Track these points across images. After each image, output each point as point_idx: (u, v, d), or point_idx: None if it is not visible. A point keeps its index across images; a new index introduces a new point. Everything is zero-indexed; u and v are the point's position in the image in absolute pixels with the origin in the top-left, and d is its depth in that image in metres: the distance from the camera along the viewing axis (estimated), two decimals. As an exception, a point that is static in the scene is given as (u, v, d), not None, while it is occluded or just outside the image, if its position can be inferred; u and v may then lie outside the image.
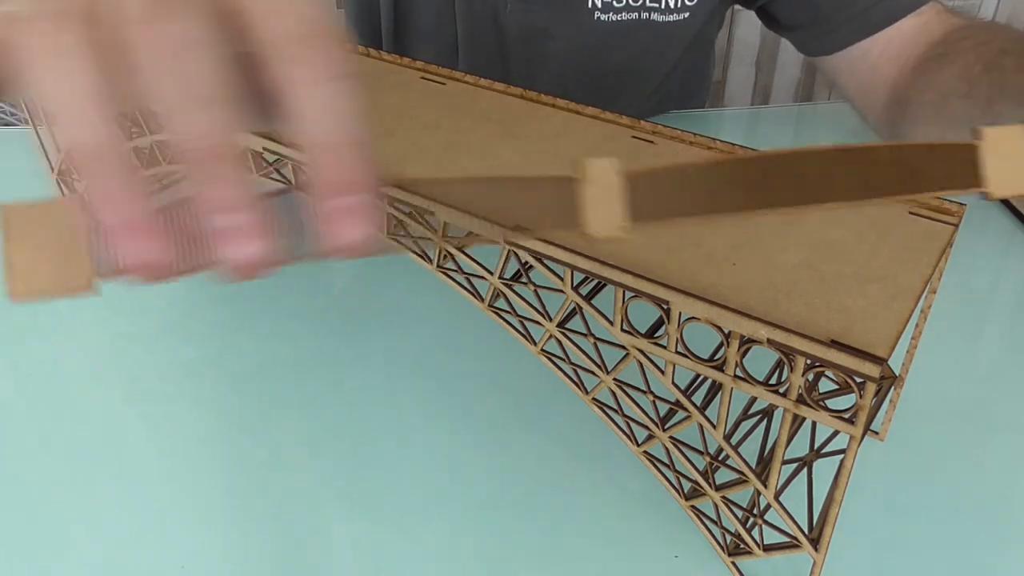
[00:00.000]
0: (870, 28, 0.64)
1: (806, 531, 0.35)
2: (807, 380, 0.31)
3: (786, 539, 0.36)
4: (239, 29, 0.21)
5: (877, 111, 0.67)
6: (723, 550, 0.39)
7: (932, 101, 0.59)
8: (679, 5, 0.68)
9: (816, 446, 0.39)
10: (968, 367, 0.51)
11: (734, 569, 0.39)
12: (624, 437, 0.39)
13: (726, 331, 0.32)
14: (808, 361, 0.30)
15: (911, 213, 0.38)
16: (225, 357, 0.53)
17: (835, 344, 0.30)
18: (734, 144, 0.43)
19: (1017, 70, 0.52)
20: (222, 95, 0.21)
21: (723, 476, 0.36)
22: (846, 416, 0.31)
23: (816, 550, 0.35)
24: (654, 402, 0.37)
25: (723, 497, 0.37)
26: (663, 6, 0.68)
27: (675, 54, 0.74)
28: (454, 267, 0.41)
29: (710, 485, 0.37)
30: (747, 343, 0.32)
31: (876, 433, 0.45)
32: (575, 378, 0.39)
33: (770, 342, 0.31)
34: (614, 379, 0.37)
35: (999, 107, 0.52)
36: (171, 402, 0.49)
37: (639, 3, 0.67)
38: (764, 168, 0.25)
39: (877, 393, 0.35)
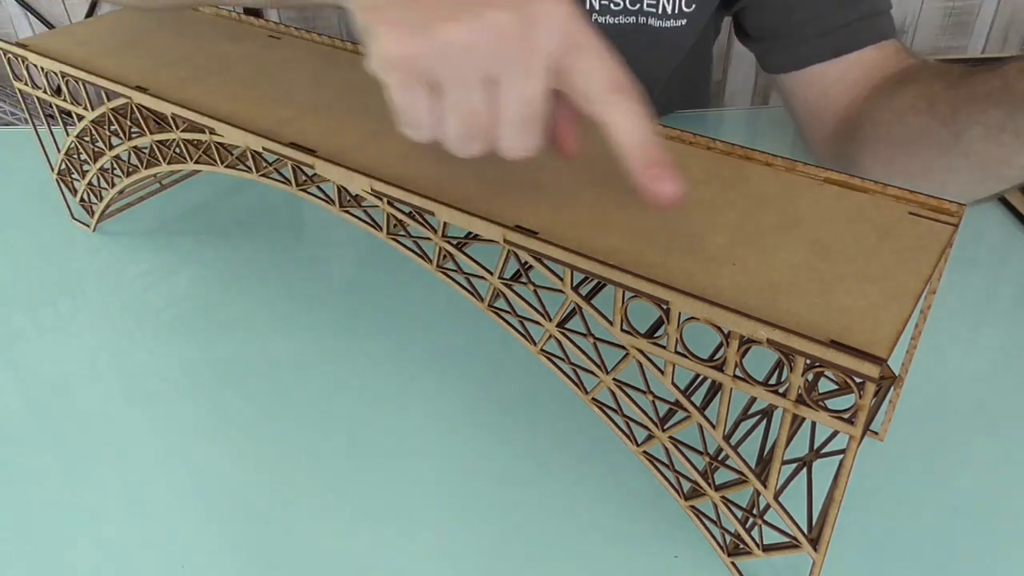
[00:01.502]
0: (830, 52, 0.64)
1: (806, 531, 0.35)
2: (807, 380, 0.31)
3: (786, 539, 0.36)
4: (561, 79, 0.34)
5: (824, 138, 0.67)
6: (723, 550, 0.39)
7: (886, 120, 0.59)
8: (676, 11, 0.68)
9: (816, 446, 0.39)
10: (968, 367, 0.51)
11: (734, 569, 0.39)
12: (624, 437, 0.39)
13: (726, 331, 0.32)
14: (808, 361, 0.30)
15: (911, 214, 0.38)
16: (225, 357, 0.53)
17: (835, 344, 0.30)
18: (733, 144, 0.43)
19: (985, 81, 0.52)
20: (540, 121, 0.34)
21: (723, 476, 0.36)
22: (846, 416, 0.31)
23: (816, 550, 0.35)
24: (654, 402, 0.37)
25: (723, 497, 0.37)
26: (660, 11, 0.68)
27: (673, 61, 0.74)
28: (454, 267, 0.41)
29: (710, 485, 0.37)
30: (747, 343, 0.32)
31: (876, 433, 0.45)
32: (575, 378, 0.39)
33: (770, 342, 0.31)
34: (614, 379, 0.37)
35: (963, 115, 0.52)
36: (171, 402, 0.50)
37: (636, 7, 0.67)
38: None
39: (877, 393, 0.35)
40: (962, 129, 0.52)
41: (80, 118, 0.57)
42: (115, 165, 0.59)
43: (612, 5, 0.67)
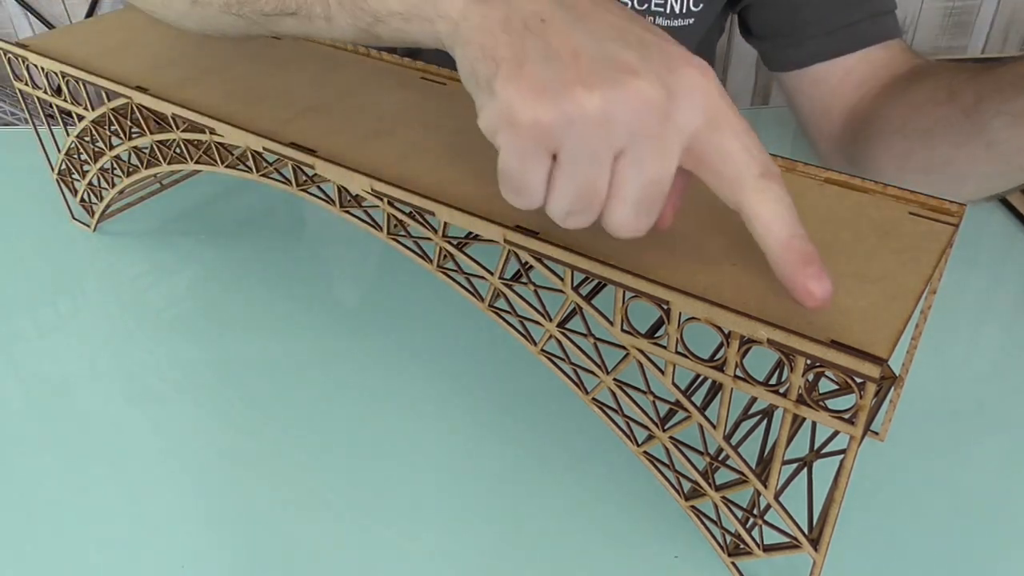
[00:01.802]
0: (834, 50, 0.64)
1: (806, 531, 0.35)
2: (807, 380, 0.31)
3: (786, 539, 0.36)
4: (696, 159, 0.31)
5: (830, 136, 0.67)
6: (723, 550, 0.39)
7: (901, 114, 0.59)
8: (684, 11, 0.68)
9: (816, 446, 0.39)
10: (968, 367, 0.51)
11: (734, 569, 0.39)
12: (624, 437, 0.39)
13: (726, 331, 0.32)
14: (808, 361, 0.30)
15: (911, 214, 0.38)
16: (225, 357, 0.53)
17: (835, 344, 0.30)
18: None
19: (1011, 70, 0.51)
20: (660, 203, 0.31)
21: (723, 476, 0.36)
22: (846, 416, 0.31)
23: (816, 550, 0.35)
24: (654, 402, 0.37)
25: (723, 497, 0.37)
26: (668, 11, 0.68)
27: None
28: (454, 267, 0.41)
29: (710, 485, 0.37)
30: (747, 343, 0.32)
31: (876, 433, 0.45)
32: (575, 378, 0.39)
33: (770, 342, 0.31)
34: (614, 379, 0.37)
35: (987, 104, 0.52)
36: (171, 402, 0.50)
37: (644, 7, 0.67)
38: None
39: (877, 393, 0.35)
40: (986, 118, 0.52)
41: (80, 118, 0.57)
42: (115, 165, 0.59)
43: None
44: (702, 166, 0.31)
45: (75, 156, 0.61)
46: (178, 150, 0.52)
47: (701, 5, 0.68)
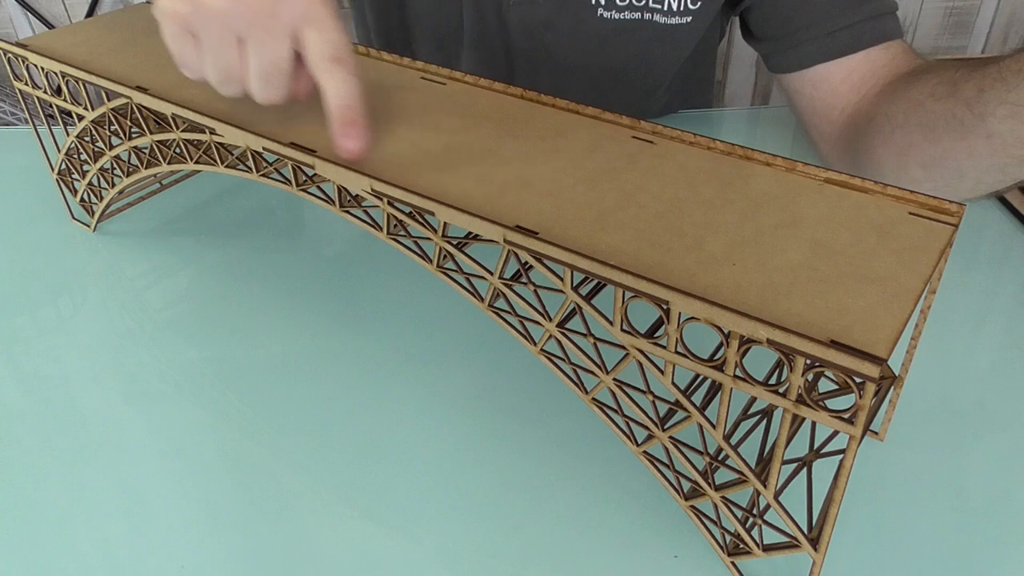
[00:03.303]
0: (834, 52, 0.64)
1: (806, 531, 0.35)
2: (807, 380, 0.31)
3: (786, 539, 0.36)
4: (299, 45, 0.42)
5: (831, 136, 0.67)
6: (723, 550, 0.39)
7: (903, 109, 0.59)
8: (682, 8, 0.68)
9: (816, 446, 0.39)
10: (968, 367, 0.51)
11: (733, 569, 0.39)
12: (624, 437, 0.39)
13: (726, 331, 0.32)
14: (808, 361, 0.30)
15: (911, 214, 0.38)
16: (225, 357, 0.53)
17: (835, 344, 0.30)
18: (733, 144, 0.43)
19: (1017, 59, 0.51)
20: (281, 77, 0.43)
21: (723, 476, 0.36)
22: (846, 416, 0.31)
23: (816, 550, 0.35)
24: (654, 402, 0.37)
25: (723, 497, 0.37)
26: (665, 8, 0.68)
27: (677, 58, 0.74)
28: (454, 267, 0.41)
29: (710, 485, 0.37)
30: (747, 343, 0.32)
31: (876, 433, 0.45)
32: (575, 378, 0.39)
33: (770, 342, 0.31)
34: (614, 379, 0.37)
35: (991, 94, 0.51)
36: (171, 402, 0.50)
37: (642, 3, 0.67)
38: None
39: (877, 393, 0.35)
40: (988, 109, 0.52)
41: (80, 118, 0.57)
42: (115, 165, 0.59)
43: (617, 0, 0.67)
44: (303, 53, 0.42)
45: (75, 156, 0.61)
46: (178, 150, 0.52)
47: (699, 3, 0.68)
